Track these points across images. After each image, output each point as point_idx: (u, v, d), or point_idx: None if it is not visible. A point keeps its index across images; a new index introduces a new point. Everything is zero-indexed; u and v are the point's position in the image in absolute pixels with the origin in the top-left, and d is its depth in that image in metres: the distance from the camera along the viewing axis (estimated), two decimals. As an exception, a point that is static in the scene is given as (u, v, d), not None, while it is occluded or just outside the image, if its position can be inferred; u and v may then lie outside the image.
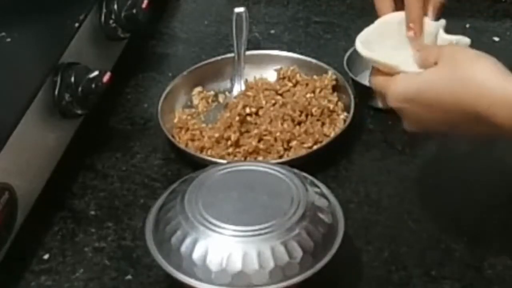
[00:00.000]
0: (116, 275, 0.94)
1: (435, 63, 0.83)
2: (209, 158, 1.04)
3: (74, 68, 1.02)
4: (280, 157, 1.05)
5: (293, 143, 1.06)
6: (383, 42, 0.91)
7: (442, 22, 0.92)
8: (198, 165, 1.00)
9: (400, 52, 0.89)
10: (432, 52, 0.85)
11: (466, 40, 0.90)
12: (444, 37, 0.90)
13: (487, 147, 1.04)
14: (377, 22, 0.93)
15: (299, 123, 1.09)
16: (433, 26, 0.91)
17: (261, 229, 0.85)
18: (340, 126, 1.08)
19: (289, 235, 0.85)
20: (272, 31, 1.31)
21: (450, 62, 0.82)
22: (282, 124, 1.08)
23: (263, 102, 1.11)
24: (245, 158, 1.05)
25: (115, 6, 1.13)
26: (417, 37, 0.90)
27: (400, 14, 0.92)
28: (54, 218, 1.01)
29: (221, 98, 1.18)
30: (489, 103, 0.78)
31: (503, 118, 0.77)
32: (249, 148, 1.05)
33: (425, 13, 0.91)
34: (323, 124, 1.09)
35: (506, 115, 0.77)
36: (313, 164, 1.02)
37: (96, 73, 1.03)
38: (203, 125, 1.12)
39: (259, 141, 1.06)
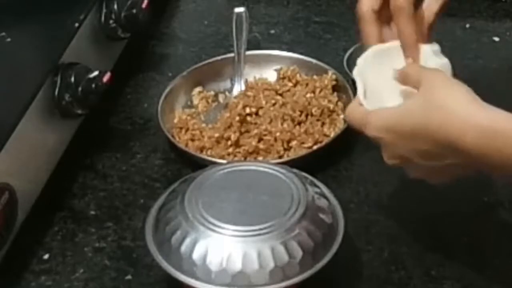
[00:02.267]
0: (116, 275, 0.94)
1: (417, 87, 0.84)
2: (209, 158, 1.04)
3: (74, 68, 1.02)
4: (280, 157, 1.05)
5: (293, 143, 1.06)
6: (379, 68, 0.91)
7: (434, 46, 0.92)
8: (198, 165, 1.00)
9: (389, 81, 0.89)
10: (413, 75, 0.86)
11: (447, 64, 0.90)
12: (432, 63, 0.90)
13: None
14: (374, 48, 0.93)
15: (299, 123, 1.09)
16: (424, 50, 0.91)
17: (261, 229, 0.85)
18: (340, 126, 1.08)
19: (289, 235, 0.85)
20: (272, 31, 1.31)
21: (428, 91, 0.83)
22: (282, 124, 1.08)
23: (263, 102, 1.11)
24: (245, 158, 1.05)
25: (115, 6, 1.13)
26: (415, 61, 0.91)
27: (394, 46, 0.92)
28: (54, 218, 1.01)
29: (221, 98, 1.18)
30: (459, 132, 0.78)
31: (471, 145, 0.78)
32: (249, 148, 1.05)
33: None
34: (323, 124, 1.09)
35: (475, 143, 0.77)
36: (313, 164, 1.02)
37: (96, 73, 1.03)
38: (203, 125, 1.12)
39: (259, 141, 1.06)
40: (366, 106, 0.88)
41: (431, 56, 0.91)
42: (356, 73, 0.92)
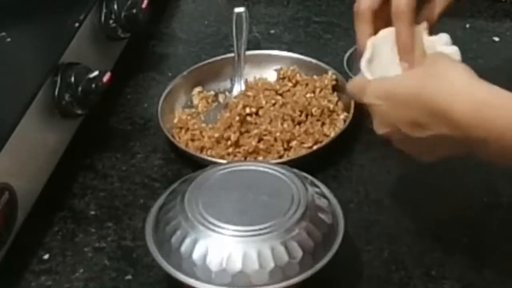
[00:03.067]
0: (116, 275, 0.94)
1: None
2: (209, 158, 1.04)
3: (74, 68, 1.02)
4: (280, 157, 1.05)
5: (293, 143, 1.06)
6: (378, 61, 0.91)
7: (443, 36, 0.92)
8: (198, 165, 1.00)
9: (391, 69, 0.90)
10: (418, 58, 0.88)
11: (457, 53, 0.90)
12: (438, 49, 0.91)
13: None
14: (370, 48, 0.92)
15: (299, 123, 1.09)
16: (430, 41, 0.91)
17: (261, 229, 0.85)
18: (340, 126, 1.08)
19: (289, 235, 0.85)
20: (272, 31, 1.31)
21: (428, 64, 0.85)
22: (282, 124, 1.08)
23: (263, 102, 1.11)
24: (245, 158, 1.05)
25: (115, 6, 1.13)
26: (410, 67, 0.91)
27: (389, 33, 0.92)
28: (54, 218, 1.01)
29: (221, 98, 1.18)
30: (452, 100, 0.79)
31: (464, 116, 0.78)
32: (249, 148, 1.05)
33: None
34: (323, 124, 1.09)
35: (467, 113, 0.78)
36: (313, 164, 1.02)
37: (96, 73, 1.03)
38: (203, 125, 1.12)
39: (259, 141, 1.06)
40: (367, 75, 0.89)
41: (438, 46, 0.91)
42: (369, 44, 0.92)
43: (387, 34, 0.92)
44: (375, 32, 0.93)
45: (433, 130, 0.81)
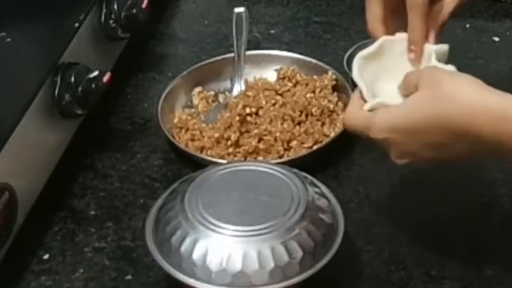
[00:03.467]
0: (116, 275, 0.94)
1: (416, 88, 0.83)
2: (209, 158, 1.04)
3: (74, 68, 1.02)
4: (280, 157, 1.05)
5: (293, 143, 1.06)
6: (378, 67, 0.91)
7: (444, 47, 0.92)
8: (198, 165, 1.00)
9: (390, 81, 0.89)
10: (412, 79, 0.85)
11: (451, 67, 0.89)
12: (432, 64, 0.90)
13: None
14: (378, 43, 0.92)
15: (299, 123, 1.09)
16: (429, 51, 0.91)
17: (261, 229, 0.85)
18: (340, 126, 1.08)
19: (289, 235, 0.85)
20: (272, 31, 1.31)
21: (431, 84, 0.82)
22: (282, 124, 1.08)
23: (263, 102, 1.11)
24: (245, 158, 1.05)
25: (115, 6, 1.13)
26: (416, 60, 0.91)
27: (401, 39, 0.92)
28: (54, 218, 1.01)
29: (221, 98, 1.18)
30: (472, 118, 0.78)
31: (485, 132, 0.78)
32: (249, 148, 1.05)
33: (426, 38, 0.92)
34: (323, 124, 1.09)
35: (488, 128, 0.77)
36: (313, 164, 1.02)
37: (96, 73, 1.03)
38: (203, 125, 1.12)
39: (259, 141, 1.06)
40: (367, 105, 0.87)
41: (434, 61, 0.90)
42: (356, 74, 0.92)
43: (403, 38, 0.92)
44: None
45: (458, 148, 0.81)
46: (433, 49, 0.91)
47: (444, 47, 0.92)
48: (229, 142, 1.06)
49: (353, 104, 0.89)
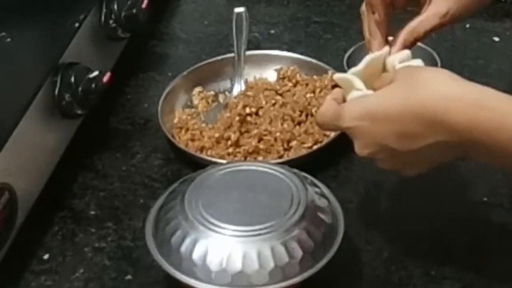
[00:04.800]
0: (116, 275, 0.94)
1: (391, 82, 0.83)
2: (209, 158, 1.04)
3: (74, 68, 1.02)
4: (280, 157, 1.05)
5: (293, 143, 1.06)
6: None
7: (405, 52, 0.90)
8: (198, 165, 1.00)
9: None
10: (387, 77, 0.86)
11: (419, 61, 0.89)
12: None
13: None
14: (364, 62, 0.90)
15: (299, 123, 1.09)
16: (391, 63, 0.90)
17: (261, 229, 0.85)
18: (340, 126, 1.08)
19: (289, 235, 0.85)
20: (272, 31, 1.31)
21: (405, 77, 0.83)
22: (282, 124, 1.08)
23: (263, 102, 1.11)
24: (245, 158, 1.05)
25: (115, 6, 1.13)
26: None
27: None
28: (54, 218, 1.01)
29: (221, 98, 1.18)
30: (445, 105, 0.78)
31: (458, 120, 0.77)
32: (249, 148, 1.05)
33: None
34: (323, 124, 1.09)
35: (461, 115, 0.77)
36: (313, 164, 1.02)
37: (96, 73, 1.03)
38: (203, 125, 1.12)
39: (259, 141, 1.06)
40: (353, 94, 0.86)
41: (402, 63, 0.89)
42: (341, 75, 0.91)
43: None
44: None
45: (428, 139, 0.80)
46: (396, 59, 0.89)
47: (405, 51, 0.90)
48: (229, 142, 1.06)
49: (325, 102, 0.88)
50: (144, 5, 1.14)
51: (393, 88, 0.83)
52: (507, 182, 1.01)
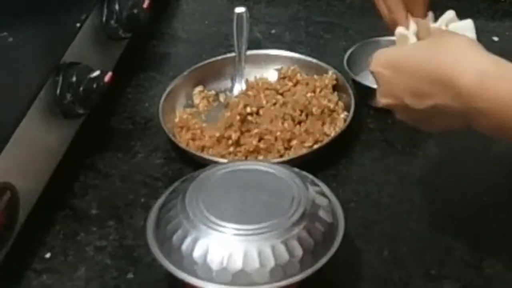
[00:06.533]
0: (117, 274, 0.94)
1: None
2: (210, 157, 1.05)
3: (75, 67, 1.02)
4: (281, 156, 1.05)
5: (294, 142, 1.06)
6: None
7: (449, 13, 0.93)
8: (199, 164, 1.01)
9: None
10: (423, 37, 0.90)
11: (470, 26, 0.91)
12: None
13: (486, 146, 1.05)
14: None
15: (300, 123, 1.09)
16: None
17: (261, 228, 0.85)
18: (340, 125, 1.08)
19: (289, 234, 0.85)
20: (273, 31, 1.32)
21: (436, 37, 0.86)
22: (282, 123, 1.08)
23: (264, 101, 1.11)
24: (246, 157, 1.05)
25: (117, 6, 1.13)
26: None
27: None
28: (55, 217, 1.01)
29: (222, 98, 1.18)
30: (458, 70, 0.79)
31: (467, 84, 0.78)
32: (249, 148, 1.06)
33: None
34: (323, 123, 1.09)
35: (470, 81, 0.78)
36: (314, 163, 1.02)
37: (97, 72, 1.03)
38: (204, 124, 1.12)
39: (259, 140, 1.07)
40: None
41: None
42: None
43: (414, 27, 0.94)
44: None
45: (436, 99, 0.81)
46: (443, 21, 0.92)
47: (450, 12, 0.93)
48: (229, 142, 1.07)
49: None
50: (145, 5, 1.14)
51: (421, 45, 0.87)
52: (507, 182, 1.02)
